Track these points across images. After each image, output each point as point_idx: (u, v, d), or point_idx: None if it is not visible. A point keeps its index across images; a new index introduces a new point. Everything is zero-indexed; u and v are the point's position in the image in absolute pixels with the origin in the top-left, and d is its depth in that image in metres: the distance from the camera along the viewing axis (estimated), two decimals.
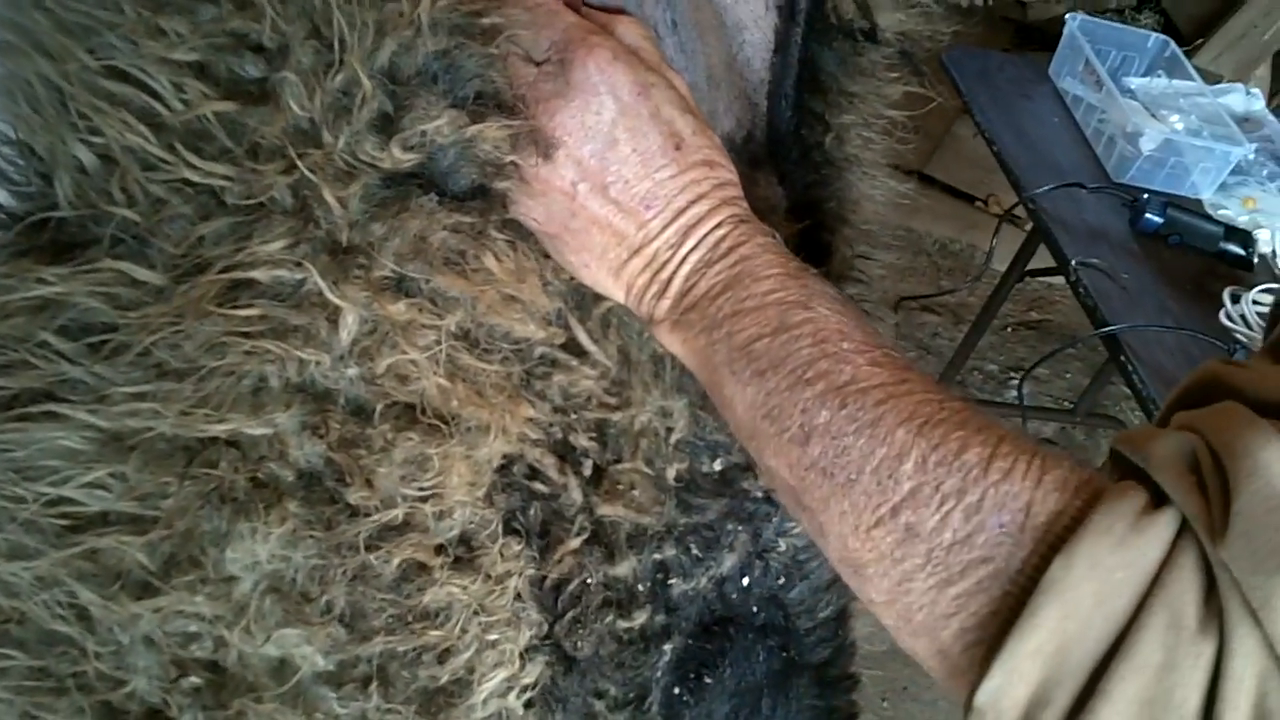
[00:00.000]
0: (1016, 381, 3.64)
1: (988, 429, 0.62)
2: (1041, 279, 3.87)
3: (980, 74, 2.77)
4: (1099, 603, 0.53)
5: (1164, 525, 0.54)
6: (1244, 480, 0.52)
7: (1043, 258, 2.68)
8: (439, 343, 0.72)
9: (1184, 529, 0.54)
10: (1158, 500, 0.56)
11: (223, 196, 0.70)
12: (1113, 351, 2.18)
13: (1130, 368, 2.09)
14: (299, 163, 0.68)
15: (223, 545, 0.71)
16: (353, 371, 0.72)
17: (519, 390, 0.77)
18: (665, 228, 0.75)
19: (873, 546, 0.63)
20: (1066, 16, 2.77)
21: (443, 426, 0.73)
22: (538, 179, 0.75)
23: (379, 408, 0.72)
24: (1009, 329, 4.04)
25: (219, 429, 0.70)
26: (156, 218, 0.69)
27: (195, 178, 0.68)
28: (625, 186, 0.74)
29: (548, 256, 0.79)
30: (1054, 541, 0.56)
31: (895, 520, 0.61)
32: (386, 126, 0.71)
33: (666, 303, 0.75)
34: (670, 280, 0.75)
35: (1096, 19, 2.86)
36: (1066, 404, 3.67)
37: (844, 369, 0.67)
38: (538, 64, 0.74)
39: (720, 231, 0.75)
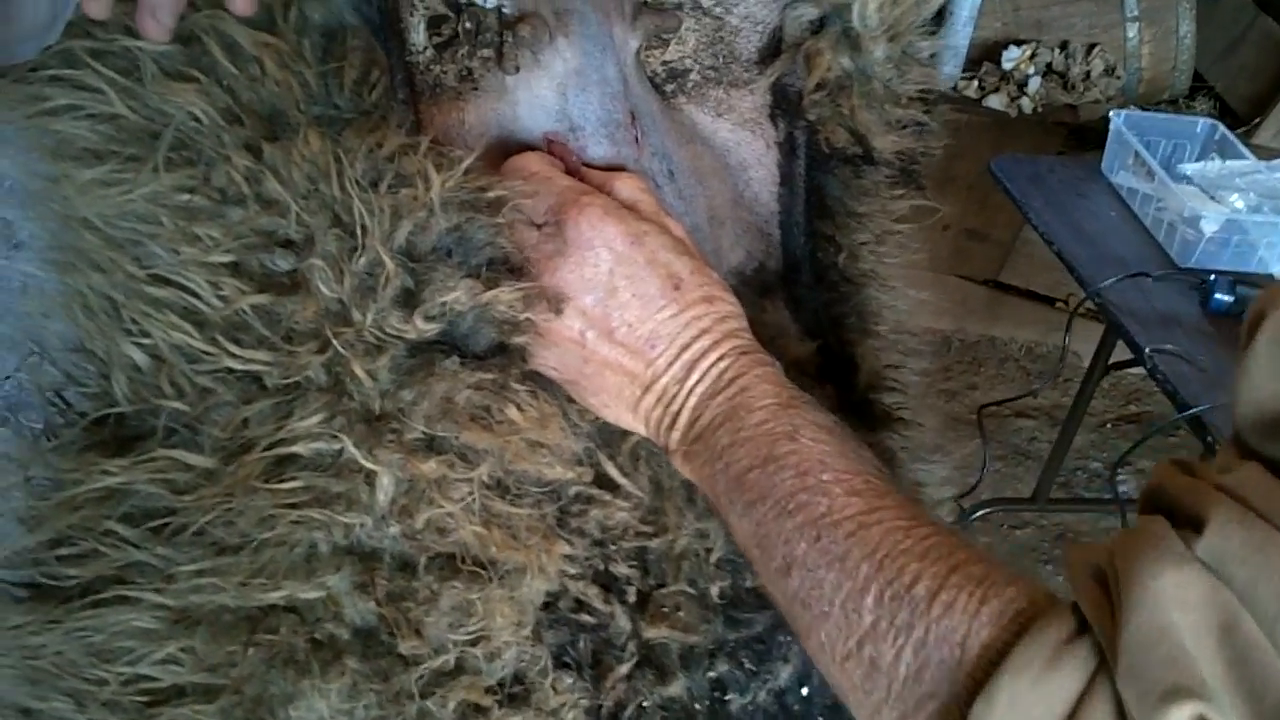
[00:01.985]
0: (1122, 477, 3.57)
1: (945, 559, 0.63)
2: (1135, 370, 3.83)
3: (1032, 178, 2.80)
4: None
5: (1084, 656, 0.54)
6: (1131, 611, 0.52)
7: (1126, 350, 2.66)
8: (472, 494, 0.77)
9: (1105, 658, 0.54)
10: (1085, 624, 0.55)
11: (263, 380, 0.76)
12: (1199, 434, 2.15)
13: (1218, 447, 2.05)
14: (334, 340, 0.74)
15: (289, 706, 0.75)
16: (394, 530, 0.77)
17: (553, 530, 0.81)
18: (671, 364, 0.79)
19: (846, 677, 0.64)
20: (1110, 113, 2.80)
21: (483, 572, 0.77)
22: (550, 332, 0.80)
23: (422, 561, 0.77)
24: (1108, 425, 3.98)
25: (276, 596, 0.75)
26: (204, 406, 0.76)
27: (237, 366, 0.75)
28: (630, 329, 0.79)
29: (571, 400, 0.84)
30: (982, 677, 0.56)
31: (861, 653, 0.63)
32: (409, 300, 0.78)
33: (677, 434, 0.80)
34: (679, 413, 0.79)
35: (1141, 112, 2.89)
36: None
37: (821, 501, 0.69)
38: (538, 227, 0.80)
39: (723, 364, 0.79)
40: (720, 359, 0.79)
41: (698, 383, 0.79)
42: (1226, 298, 2.34)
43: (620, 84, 0.91)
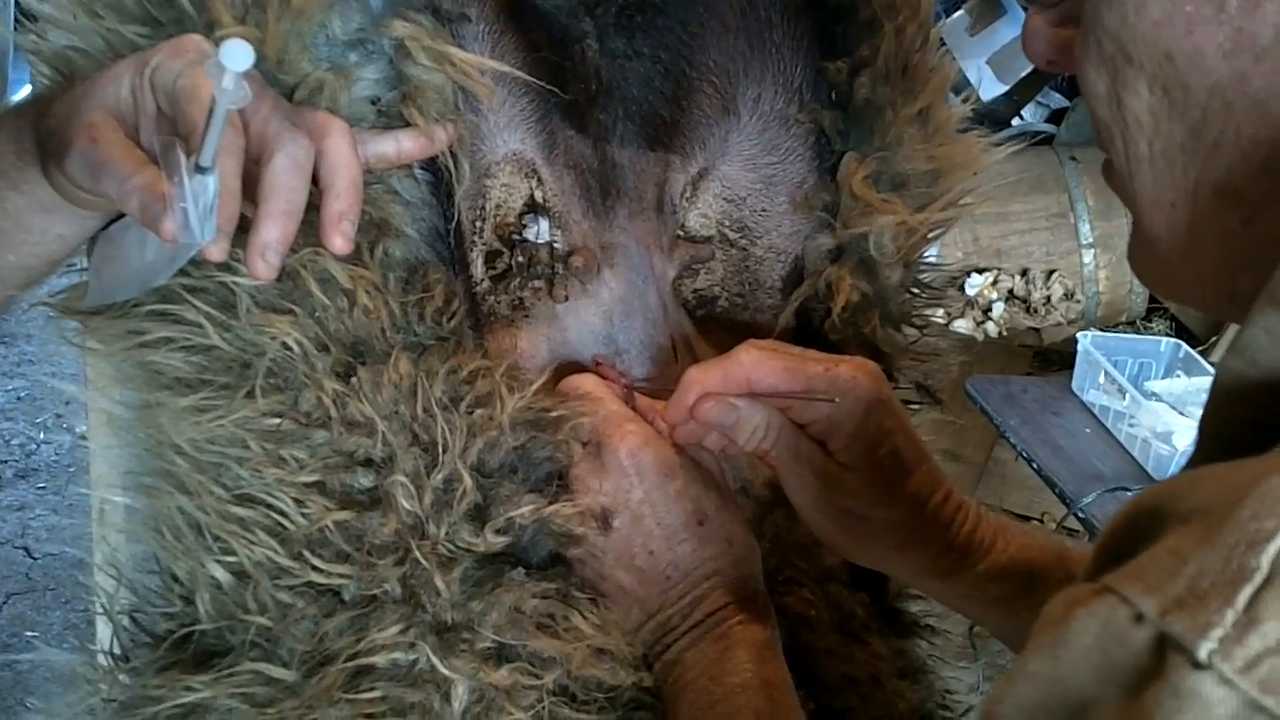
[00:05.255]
0: None
1: None
2: None
3: (1006, 398, 2.90)
4: None
5: None
6: None
7: None
8: (541, 700, 0.79)
9: None
10: None
11: (342, 594, 0.79)
12: None
13: None
14: (416, 551, 0.78)
15: None
16: None
17: None
18: (681, 598, 0.84)
19: None
20: (1077, 335, 2.92)
21: None
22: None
23: None
24: None
25: None
26: (285, 621, 0.79)
27: (320, 580, 0.78)
28: (650, 557, 0.84)
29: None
30: None
31: None
32: (479, 515, 0.82)
33: (658, 665, 0.84)
34: (670, 645, 0.84)
35: (1107, 334, 3.02)
36: None
37: None
38: (583, 445, 0.85)
39: (722, 615, 0.83)
40: (725, 607, 0.83)
41: (697, 624, 0.83)
42: None
43: (661, 310, 0.98)
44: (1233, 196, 0.51)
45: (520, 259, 0.94)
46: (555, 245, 0.94)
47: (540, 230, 0.94)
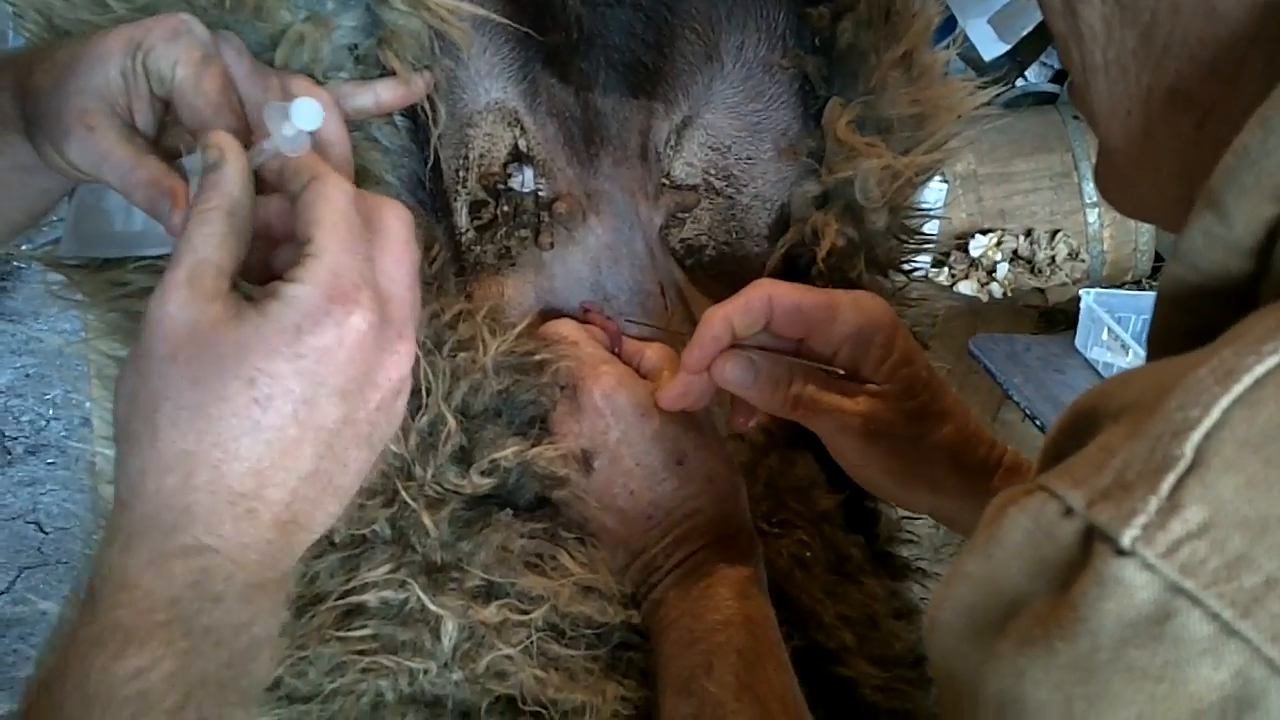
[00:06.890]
0: None
1: None
2: None
3: (1009, 357, 2.91)
4: None
5: None
6: None
7: None
8: (530, 637, 0.81)
9: None
10: None
11: (332, 536, 0.80)
12: None
13: None
14: (404, 493, 0.79)
15: None
16: (457, 675, 0.80)
17: (607, 671, 0.84)
18: (664, 536, 0.85)
19: None
20: (1080, 292, 2.92)
21: (543, 713, 0.80)
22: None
23: (483, 705, 0.80)
24: None
25: None
26: None
27: None
28: (630, 498, 0.85)
29: None
30: None
31: None
32: (464, 457, 0.83)
33: (645, 605, 0.85)
34: (655, 585, 0.84)
35: (1110, 291, 3.02)
36: None
37: None
38: (561, 389, 0.86)
39: (705, 553, 0.84)
40: (705, 546, 0.84)
41: (680, 563, 0.84)
42: None
43: (648, 257, 0.99)
44: (1184, 100, 0.51)
45: (506, 208, 0.94)
46: (540, 194, 0.95)
47: (525, 179, 0.95)
